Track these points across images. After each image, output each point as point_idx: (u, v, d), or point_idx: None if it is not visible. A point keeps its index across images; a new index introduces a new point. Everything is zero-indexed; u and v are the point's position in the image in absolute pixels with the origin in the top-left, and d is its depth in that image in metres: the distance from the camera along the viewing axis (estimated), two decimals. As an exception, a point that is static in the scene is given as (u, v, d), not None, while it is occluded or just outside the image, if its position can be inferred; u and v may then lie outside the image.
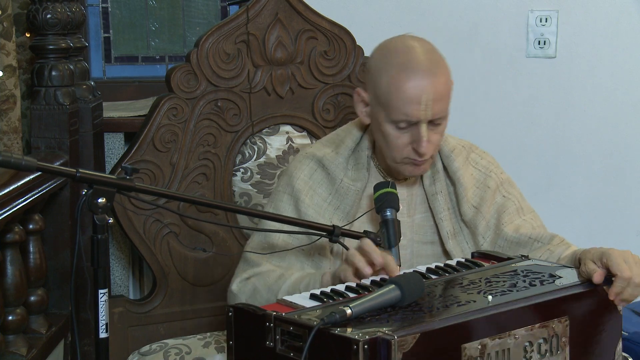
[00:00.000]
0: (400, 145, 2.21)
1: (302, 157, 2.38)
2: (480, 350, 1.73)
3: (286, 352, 1.72)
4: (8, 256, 2.39)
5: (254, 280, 2.24)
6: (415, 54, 2.19)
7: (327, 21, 2.92)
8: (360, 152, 2.33)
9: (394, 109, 2.17)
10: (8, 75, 2.54)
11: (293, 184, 2.32)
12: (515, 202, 2.36)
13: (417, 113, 2.15)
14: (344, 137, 2.36)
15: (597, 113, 3.28)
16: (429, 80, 2.15)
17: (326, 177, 2.32)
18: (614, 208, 3.31)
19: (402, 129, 2.19)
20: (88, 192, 1.86)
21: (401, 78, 2.15)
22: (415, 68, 2.16)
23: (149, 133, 2.76)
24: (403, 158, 2.22)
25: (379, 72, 2.21)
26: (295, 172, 2.34)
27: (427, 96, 2.14)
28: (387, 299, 1.75)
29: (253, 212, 2.22)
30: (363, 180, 2.31)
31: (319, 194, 2.32)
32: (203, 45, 2.79)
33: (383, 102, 2.19)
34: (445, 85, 2.20)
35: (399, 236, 2.20)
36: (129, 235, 2.78)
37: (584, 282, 1.96)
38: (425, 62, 2.18)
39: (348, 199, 2.30)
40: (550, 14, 3.24)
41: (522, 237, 2.28)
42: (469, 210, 2.33)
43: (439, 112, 2.18)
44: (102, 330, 1.89)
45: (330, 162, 2.32)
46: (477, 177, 2.37)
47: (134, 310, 2.83)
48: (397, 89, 2.15)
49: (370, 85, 2.24)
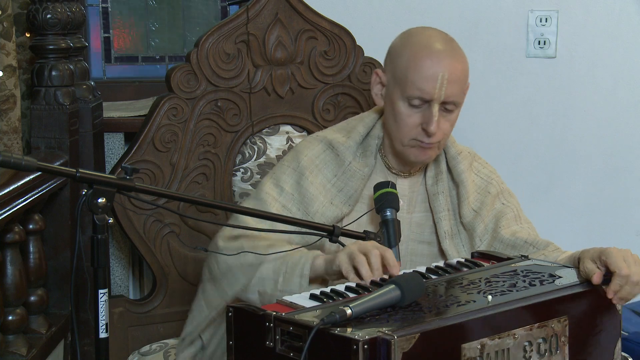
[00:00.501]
0: (410, 125, 2.24)
1: (313, 138, 2.42)
2: (480, 350, 1.73)
3: (286, 352, 1.72)
4: (8, 256, 2.39)
5: (242, 241, 2.23)
6: (436, 37, 2.27)
7: (327, 21, 2.92)
8: (370, 140, 2.36)
9: (410, 83, 2.21)
10: (8, 75, 2.54)
11: (300, 159, 2.35)
12: (514, 210, 2.39)
13: (431, 90, 2.20)
14: (356, 124, 2.40)
15: (597, 113, 3.28)
16: (447, 61, 2.22)
17: (334, 158, 2.35)
18: (614, 208, 3.31)
19: (415, 107, 2.22)
20: (88, 192, 1.86)
21: (421, 55, 2.22)
22: (435, 47, 2.23)
23: (149, 133, 2.76)
24: (411, 139, 2.25)
25: (399, 51, 2.27)
26: (303, 149, 2.37)
27: (444, 75, 2.20)
28: (387, 299, 1.75)
29: (253, 212, 2.21)
30: (370, 167, 2.34)
31: (324, 174, 2.34)
32: (203, 45, 2.79)
33: (400, 78, 2.24)
34: (462, 72, 2.26)
35: (399, 236, 2.21)
36: (129, 235, 2.78)
37: (583, 282, 1.96)
38: (445, 44, 2.25)
39: (353, 182, 2.32)
40: (550, 14, 3.24)
41: (518, 240, 2.30)
42: (469, 213, 2.34)
43: (452, 95, 2.22)
44: (102, 330, 1.89)
45: (341, 144, 2.35)
46: (479, 184, 2.40)
47: (134, 310, 2.82)
48: (416, 65, 2.21)
49: (389, 65, 2.30)
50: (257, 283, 2.14)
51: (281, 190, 2.31)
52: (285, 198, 2.31)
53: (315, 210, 2.28)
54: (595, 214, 3.32)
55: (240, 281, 2.18)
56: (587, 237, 3.27)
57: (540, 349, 1.82)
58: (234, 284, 2.20)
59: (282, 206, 2.30)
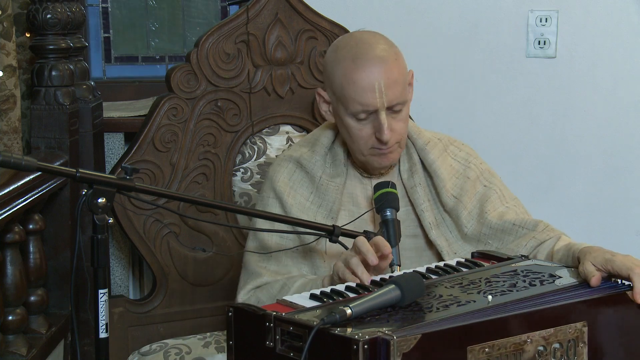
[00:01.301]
0: (365, 137, 2.23)
1: (280, 160, 2.41)
2: (489, 352, 1.71)
3: (286, 352, 1.72)
4: (8, 256, 2.39)
5: (258, 294, 2.26)
6: (364, 45, 2.23)
7: (327, 21, 2.92)
8: (337, 149, 2.36)
9: (350, 100, 2.20)
10: (8, 75, 2.54)
11: (274, 186, 2.34)
12: (497, 191, 2.37)
13: (372, 101, 2.19)
14: (319, 135, 2.39)
15: (597, 113, 3.28)
16: (379, 67, 2.19)
17: (305, 176, 2.35)
18: (614, 208, 3.31)
19: (362, 120, 2.22)
20: (88, 192, 1.87)
21: (352, 69, 2.19)
22: (364, 57, 2.20)
23: (149, 133, 2.76)
24: (369, 149, 2.25)
25: (332, 68, 2.25)
26: (274, 175, 2.36)
27: (380, 82, 2.18)
28: (387, 299, 1.75)
29: (253, 212, 2.22)
30: (342, 176, 2.34)
31: (301, 193, 2.34)
32: (203, 45, 2.79)
33: (339, 96, 2.23)
34: (397, 71, 2.22)
35: (399, 236, 2.21)
36: (129, 235, 2.78)
37: (582, 283, 1.95)
38: (374, 50, 2.21)
39: (329, 195, 2.32)
40: (550, 14, 3.24)
41: (506, 223, 2.29)
42: (450, 200, 2.33)
43: (395, 99, 2.21)
44: (102, 330, 1.89)
45: (308, 160, 2.35)
46: (457, 168, 2.38)
47: (134, 310, 2.82)
48: (350, 80, 2.19)
49: (327, 82, 2.29)
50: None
51: (272, 224, 2.28)
52: (280, 227, 2.30)
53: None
54: (595, 214, 3.32)
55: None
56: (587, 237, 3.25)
57: (556, 354, 1.80)
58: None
59: (280, 237, 2.31)
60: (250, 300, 2.26)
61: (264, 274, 2.28)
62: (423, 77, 3.28)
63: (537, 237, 2.25)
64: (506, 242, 2.27)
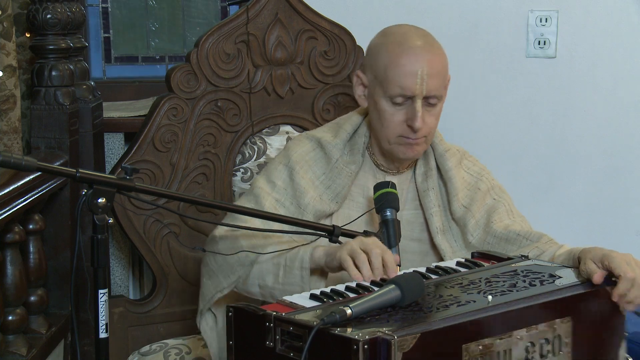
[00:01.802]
0: (396, 122, 2.25)
1: (302, 136, 2.44)
2: (482, 350, 1.73)
3: (286, 352, 1.72)
4: (8, 256, 2.39)
5: (239, 235, 2.25)
6: (412, 34, 2.29)
7: (327, 21, 2.92)
8: (357, 139, 2.38)
9: (391, 82, 2.22)
10: (8, 75, 2.54)
11: (290, 156, 2.37)
12: (506, 205, 2.39)
13: (412, 86, 2.21)
14: (343, 123, 2.42)
15: (597, 113, 3.28)
16: (425, 56, 2.23)
17: (323, 157, 2.37)
18: (614, 208, 3.31)
19: (398, 104, 2.24)
20: (88, 192, 1.86)
21: (398, 52, 2.23)
22: (412, 44, 2.25)
23: (149, 133, 2.76)
24: (397, 137, 2.26)
25: (378, 50, 2.29)
26: (293, 146, 2.40)
27: (423, 70, 2.21)
28: (387, 299, 1.75)
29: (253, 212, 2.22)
30: (357, 164, 2.35)
31: (314, 170, 2.36)
32: (203, 45, 2.79)
33: (381, 77, 2.25)
34: (441, 64, 2.27)
35: (399, 236, 2.21)
36: (129, 235, 2.78)
37: (583, 282, 1.96)
38: (422, 40, 2.27)
39: (340, 179, 2.33)
40: (550, 14, 3.24)
41: (510, 233, 2.30)
42: (459, 209, 2.35)
43: (434, 89, 2.23)
44: (102, 330, 1.89)
45: (329, 142, 2.38)
46: (469, 181, 2.40)
47: (134, 310, 2.82)
48: (394, 63, 2.23)
49: (369, 65, 2.31)
50: (257, 276, 2.15)
51: (274, 185, 2.33)
52: (278, 192, 2.33)
53: (307, 203, 2.30)
54: (595, 214, 3.32)
55: (237, 273, 2.20)
56: (587, 237, 3.27)
57: (543, 350, 1.82)
58: (230, 275, 2.22)
59: (276, 200, 2.32)
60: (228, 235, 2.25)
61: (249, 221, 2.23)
62: (423, 77, 3.28)
63: (539, 247, 2.26)
64: (508, 251, 2.28)
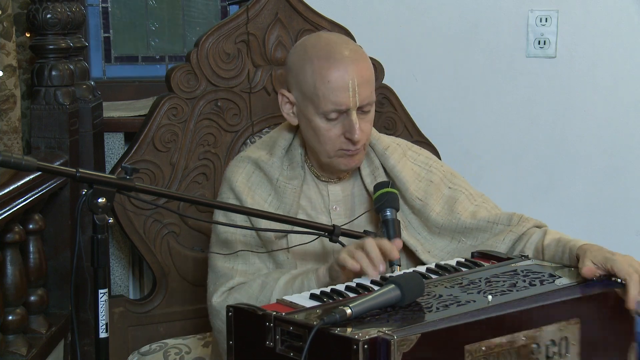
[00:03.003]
0: (333, 137, 2.20)
1: (238, 160, 2.37)
2: (485, 351, 1.72)
3: (286, 352, 1.72)
4: (8, 256, 2.39)
5: (235, 295, 2.22)
6: (335, 45, 2.21)
7: (327, 21, 2.92)
8: (294, 151, 2.33)
9: (323, 99, 2.17)
10: (8, 75, 2.54)
11: (232, 186, 2.31)
12: (464, 191, 2.35)
13: (346, 100, 2.16)
14: (277, 138, 2.35)
15: (597, 113, 3.28)
16: (353, 66, 2.17)
17: (264, 177, 2.31)
18: (614, 208, 3.30)
19: (333, 120, 2.19)
20: (88, 192, 1.86)
21: (325, 67, 2.17)
22: (338, 56, 2.18)
23: (149, 133, 2.76)
24: (337, 151, 2.22)
25: (301, 67, 2.21)
26: (232, 176, 2.33)
27: (354, 81, 2.16)
28: (387, 299, 1.75)
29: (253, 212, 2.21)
30: (299, 178, 2.31)
31: (259, 194, 2.30)
32: (203, 45, 2.79)
33: (310, 95, 2.19)
34: (368, 70, 2.21)
35: (399, 236, 2.20)
36: (129, 235, 2.78)
37: (581, 283, 1.95)
38: (346, 50, 2.20)
39: (286, 197, 2.29)
40: (550, 14, 3.24)
41: (480, 222, 2.29)
42: (416, 202, 2.31)
43: (366, 98, 2.19)
44: (102, 330, 1.89)
45: (265, 163, 2.31)
46: (418, 172, 2.37)
47: (134, 310, 2.83)
48: (323, 79, 2.16)
49: (294, 83, 2.24)
50: None
51: (234, 223, 2.27)
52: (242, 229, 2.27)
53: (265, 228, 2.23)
54: (595, 214, 3.31)
55: None
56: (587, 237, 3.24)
57: (549, 352, 1.81)
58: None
59: (243, 236, 2.27)
60: (227, 301, 2.20)
61: (234, 275, 2.24)
62: (423, 77, 3.28)
63: (513, 230, 2.24)
64: (482, 239, 2.27)
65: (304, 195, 2.32)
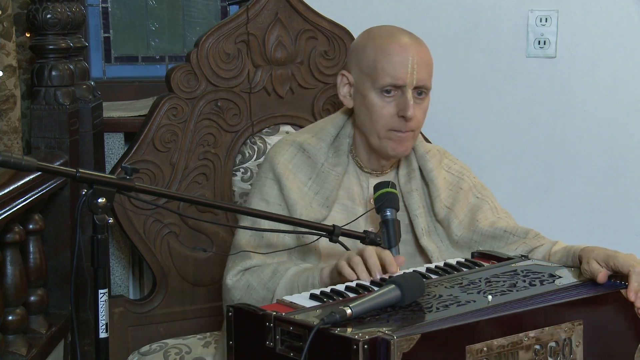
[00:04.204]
0: (386, 115, 2.24)
1: (282, 142, 2.41)
2: (487, 352, 1.71)
3: (286, 352, 1.72)
4: (8, 256, 2.39)
5: (248, 277, 2.25)
6: (397, 31, 2.30)
7: (327, 21, 2.92)
8: (341, 140, 2.37)
9: (381, 72, 2.22)
10: (8, 75, 2.54)
11: (274, 168, 2.35)
12: (489, 202, 2.38)
13: (403, 75, 2.21)
14: (325, 125, 2.40)
15: (597, 113, 3.28)
16: (414, 47, 2.25)
17: (306, 161, 2.35)
18: (614, 208, 3.30)
19: (388, 96, 2.23)
20: (88, 192, 1.86)
21: (388, 43, 2.25)
22: (399, 35, 2.27)
23: (149, 133, 2.76)
24: (387, 131, 2.25)
25: (363, 46, 2.29)
26: (275, 156, 2.37)
27: (413, 59, 2.22)
28: (387, 299, 1.75)
29: (253, 212, 2.22)
30: (343, 166, 2.34)
31: (299, 178, 2.34)
32: (203, 45, 2.79)
33: (369, 69, 2.25)
34: (428, 55, 2.28)
35: (399, 236, 2.21)
36: (129, 235, 2.78)
37: (584, 282, 1.95)
38: (407, 35, 2.29)
39: (328, 183, 2.32)
40: (550, 14, 3.24)
41: (497, 230, 2.30)
42: (442, 210, 2.34)
43: (423, 79, 2.24)
44: (102, 330, 1.89)
45: (312, 146, 2.35)
46: (450, 180, 2.40)
47: (134, 310, 2.82)
48: (383, 52, 2.23)
49: (355, 62, 2.31)
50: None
51: (267, 204, 2.31)
52: (274, 209, 2.30)
53: (300, 214, 2.28)
54: (595, 214, 3.32)
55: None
56: (587, 237, 3.27)
57: (552, 353, 1.80)
58: None
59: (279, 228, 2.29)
60: (240, 282, 2.25)
61: (254, 257, 2.27)
62: (423, 77, 3.27)
63: (527, 242, 2.25)
64: (496, 248, 2.28)
65: (342, 185, 2.35)
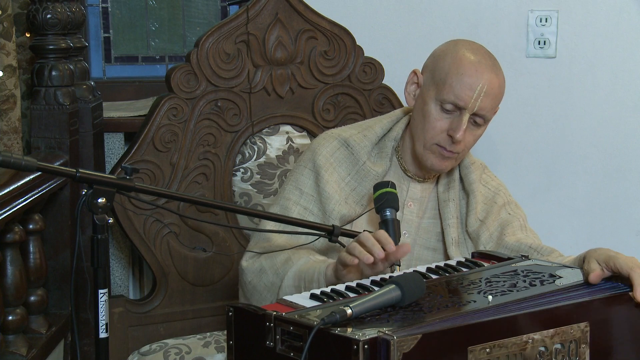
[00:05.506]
0: (437, 129, 2.25)
1: (327, 135, 2.42)
2: (489, 353, 1.71)
3: (286, 352, 1.72)
4: (8, 256, 2.39)
5: (262, 260, 2.27)
6: (482, 51, 2.29)
7: (327, 21, 2.92)
8: (387, 142, 2.37)
9: (448, 87, 2.22)
10: (8, 75, 2.54)
11: (315, 159, 2.36)
12: (520, 220, 2.39)
13: (467, 99, 2.21)
14: (373, 124, 2.41)
15: (597, 113, 3.28)
16: (488, 75, 2.24)
17: (348, 157, 2.36)
18: (614, 208, 3.30)
19: (446, 112, 2.23)
20: (88, 192, 1.86)
21: (467, 61, 2.23)
22: (479, 59, 2.25)
23: (149, 133, 2.76)
24: (433, 144, 2.26)
25: (445, 53, 2.28)
26: (318, 148, 2.38)
27: (483, 86, 2.22)
28: (388, 299, 1.75)
29: (253, 212, 2.22)
30: (384, 167, 2.34)
31: (339, 172, 2.35)
32: (203, 45, 2.79)
33: (439, 80, 2.25)
34: (499, 88, 2.27)
35: (399, 236, 2.21)
36: (129, 235, 2.78)
37: (585, 283, 1.95)
38: (491, 61, 2.27)
39: (366, 182, 2.32)
40: (550, 14, 3.24)
41: (522, 245, 2.30)
42: (475, 222, 2.35)
43: (484, 108, 2.24)
44: (102, 330, 1.89)
45: (357, 143, 2.36)
46: (486, 195, 2.41)
47: (134, 310, 2.82)
48: (458, 69, 2.22)
49: (430, 65, 2.31)
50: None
51: (301, 193, 2.33)
52: (306, 199, 2.32)
53: (332, 209, 2.29)
54: (595, 214, 3.31)
55: (267, 299, 2.23)
56: (587, 237, 3.27)
57: (557, 355, 1.79)
58: (261, 301, 2.25)
59: (304, 208, 2.31)
60: (254, 265, 2.27)
61: (274, 239, 2.29)
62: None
63: (548, 259, 2.25)
64: None
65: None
